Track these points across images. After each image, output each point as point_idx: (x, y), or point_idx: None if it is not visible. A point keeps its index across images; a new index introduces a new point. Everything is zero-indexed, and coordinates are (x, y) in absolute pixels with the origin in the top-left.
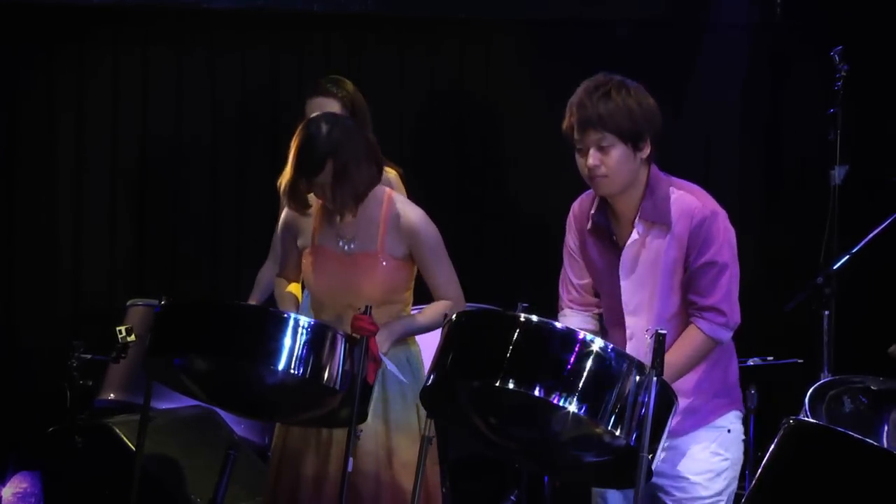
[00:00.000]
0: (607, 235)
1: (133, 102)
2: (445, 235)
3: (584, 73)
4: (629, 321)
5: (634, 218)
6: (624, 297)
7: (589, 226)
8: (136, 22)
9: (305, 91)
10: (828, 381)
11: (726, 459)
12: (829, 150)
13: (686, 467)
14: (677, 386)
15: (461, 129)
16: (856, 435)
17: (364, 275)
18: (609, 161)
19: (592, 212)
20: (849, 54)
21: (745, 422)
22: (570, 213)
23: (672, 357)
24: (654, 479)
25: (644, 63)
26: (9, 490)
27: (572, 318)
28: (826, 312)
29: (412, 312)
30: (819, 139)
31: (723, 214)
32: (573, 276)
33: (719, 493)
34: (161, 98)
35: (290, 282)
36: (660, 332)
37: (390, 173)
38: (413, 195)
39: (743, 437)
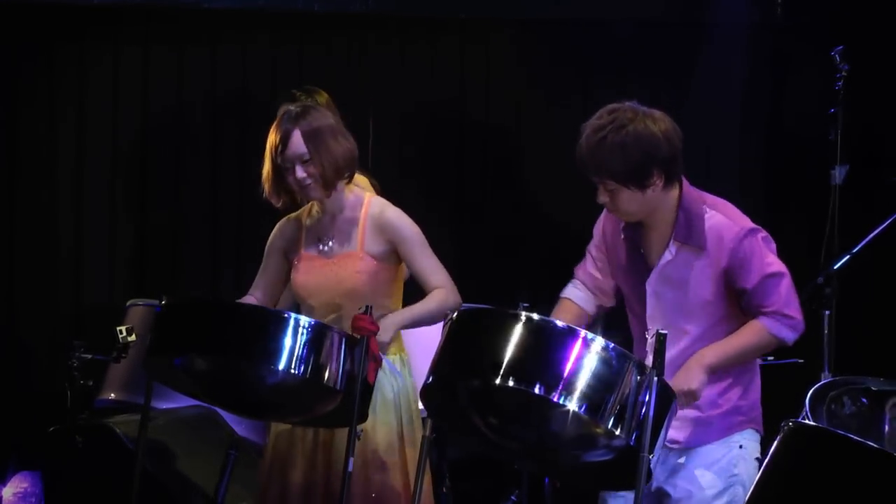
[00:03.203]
0: (637, 249)
1: (133, 102)
2: (445, 235)
3: (584, 73)
4: (651, 339)
5: (669, 238)
6: (648, 312)
7: (622, 236)
8: (136, 22)
9: (280, 100)
10: (828, 382)
11: (734, 475)
12: (829, 150)
13: (694, 480)
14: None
15: (461, 129)
16: (855, 437)
17: (346, 274)
18: (618, 201)
19: (622, 225)
20: (849, 54)
21: None
22: (602, 220)
23: (728, 343)
24: (663, 486)
25: (644, 63)
26: (9, 490)
27: (575, 291)
28: (826, 312)
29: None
30: (819, 139)
31: (758, 231)
32: (588, 265)
33: None
34: (161, 98)
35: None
36: (660, 331)
37: (359, 178)
38: (413, 195)
39: (758, 455)
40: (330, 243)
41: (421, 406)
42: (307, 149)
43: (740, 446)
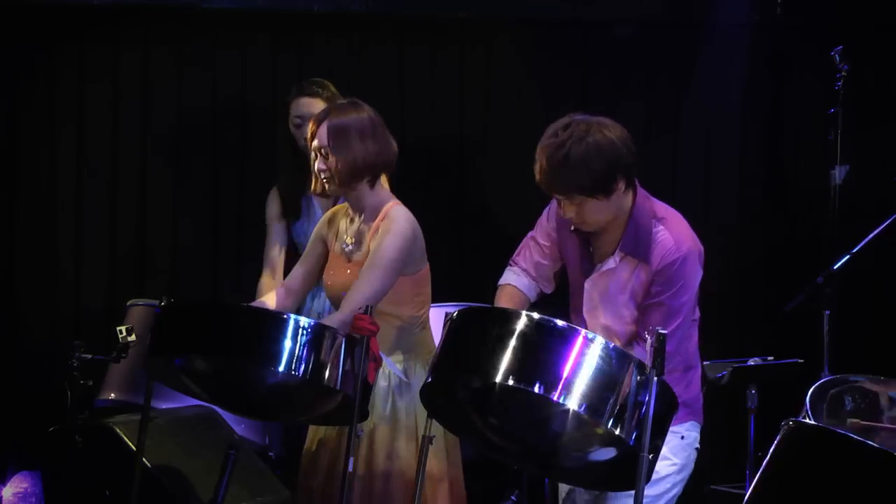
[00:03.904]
0: (586, 245)
1: (133, 102)
2: (445, 234)
3: (584, 73)
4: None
5: (616, 245)
6: (585, 308)
7: (572, 228)
8: (136, 22)
9: (290, 93)
10: (829, 380)
11: (674, 465)
12: (829, 150)
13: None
14: None
15: (461, 129)
16: (856, 437)
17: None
18: (585, 213)
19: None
20: (849, 54)
21: (743, 423)
22: (551, 209)
23: None
24: None
25: (644, 63)
26: (9, 490)
27: (515, 277)
28: (826, 312)
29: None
30: (819, 139)
31: (694, 256)
32: (534, 253)
33: (658, 496)
34: (161, 98)
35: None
36: (660, 332)
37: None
38: (413, 194)
39: (697, 446)
40: (351, 246)
41: None
42: (328, 142)
43: (682, 437)
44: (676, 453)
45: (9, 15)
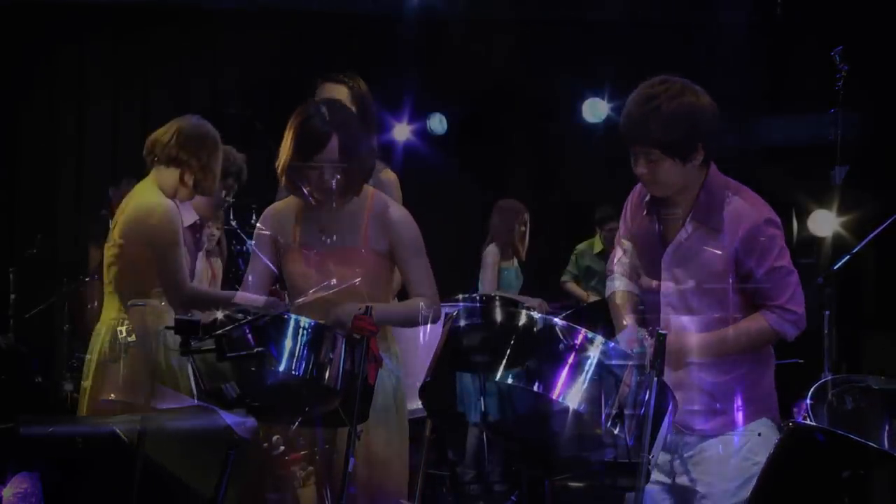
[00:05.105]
0: (658, 225)
1: (133, 102)
2: (445, 232)
3: (584, 72)
4: (664, 313)
5: (687, 216)
6: (663, 291)
7: (644, 211)
8: (136, 22)
9: (321, 76)
10: (830, 380)
11: (756, 464)
12: (829, 150)
13: (717, 472)
14: (704, 387)
15: (461, 128)
16: (855, 437)
17: (346, 268)
18: (658, 172)
19: (646, 199)
20: (849, 54)
21: None
22: (628, 202)
23: (730, 332)
24: (684, 481)
25: (644, 63)
26: (9, 490)
27: (619, 282)
28: (826, 312)
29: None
30: (819, 139)
31: (776, 221)
32: (626, 257)
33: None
34: (161, 97)
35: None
36: (660, 332)
37: (390, 175)
38: (414, 194)
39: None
40: (334, 237)
41: (418, 405)
42: (340, 157)
43: (759, 434)
44: (758, 451)
45: (9, 15)
